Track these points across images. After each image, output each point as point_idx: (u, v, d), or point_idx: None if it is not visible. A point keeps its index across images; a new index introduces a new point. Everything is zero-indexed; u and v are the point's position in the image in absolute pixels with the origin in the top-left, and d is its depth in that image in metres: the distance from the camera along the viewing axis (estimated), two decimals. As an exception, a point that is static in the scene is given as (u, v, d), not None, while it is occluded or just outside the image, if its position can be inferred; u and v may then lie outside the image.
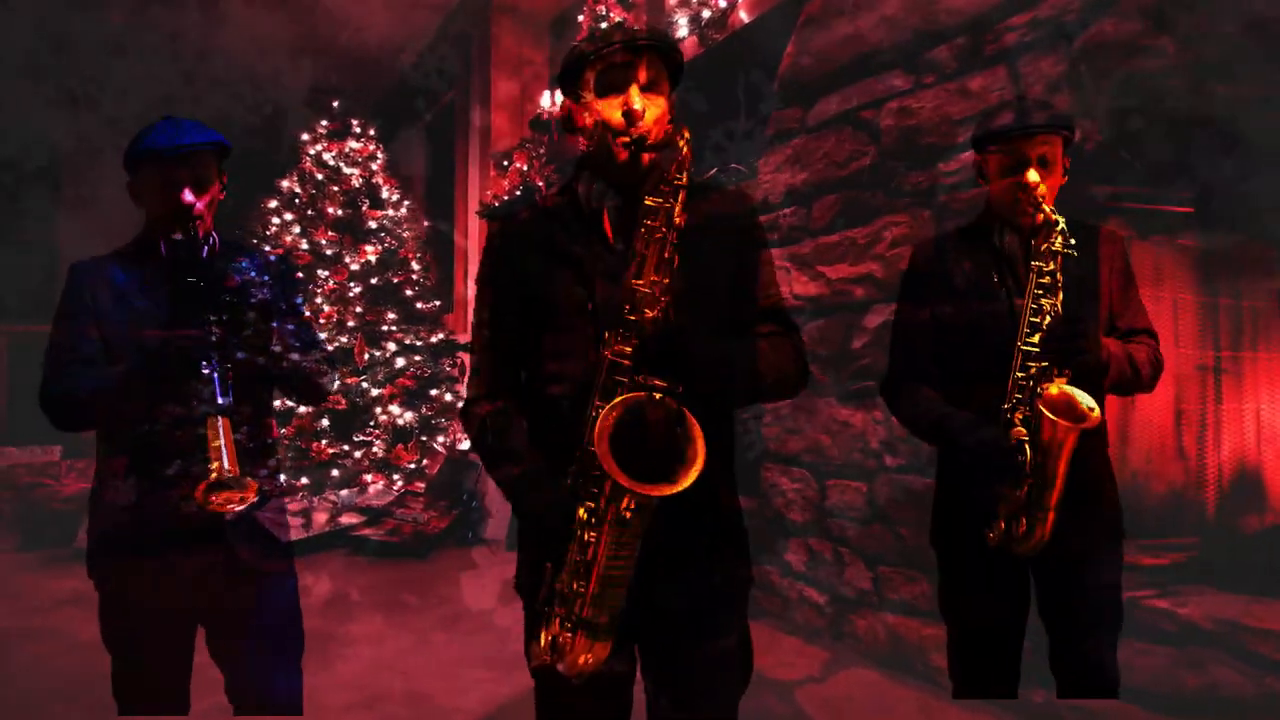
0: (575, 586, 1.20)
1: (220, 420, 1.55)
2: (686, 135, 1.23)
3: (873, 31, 3.26)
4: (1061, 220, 1.59)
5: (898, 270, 3.15)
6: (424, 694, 2.93)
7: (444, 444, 6.36)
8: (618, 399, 1.17)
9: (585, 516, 1.19)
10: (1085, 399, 1.55)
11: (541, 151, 6.11)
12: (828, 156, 3.44)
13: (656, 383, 1.19)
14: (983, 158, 1.75)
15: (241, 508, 1.55)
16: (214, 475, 1.50)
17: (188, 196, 1.64)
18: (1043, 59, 2.68)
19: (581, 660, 1.21)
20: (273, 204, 6.40)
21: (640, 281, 1.21)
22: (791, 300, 3.60)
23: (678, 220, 1.21)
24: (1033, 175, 1.63)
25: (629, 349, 1.20)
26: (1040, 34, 2.69)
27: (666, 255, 1.21)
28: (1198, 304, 2.87)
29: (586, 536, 1.19)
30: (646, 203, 1.22)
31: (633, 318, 1.20)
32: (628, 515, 1.15)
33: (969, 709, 2.62)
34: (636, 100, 1.27)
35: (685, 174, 1.22)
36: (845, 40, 3.38)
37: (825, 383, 3.44)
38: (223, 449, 1.53)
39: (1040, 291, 1.59)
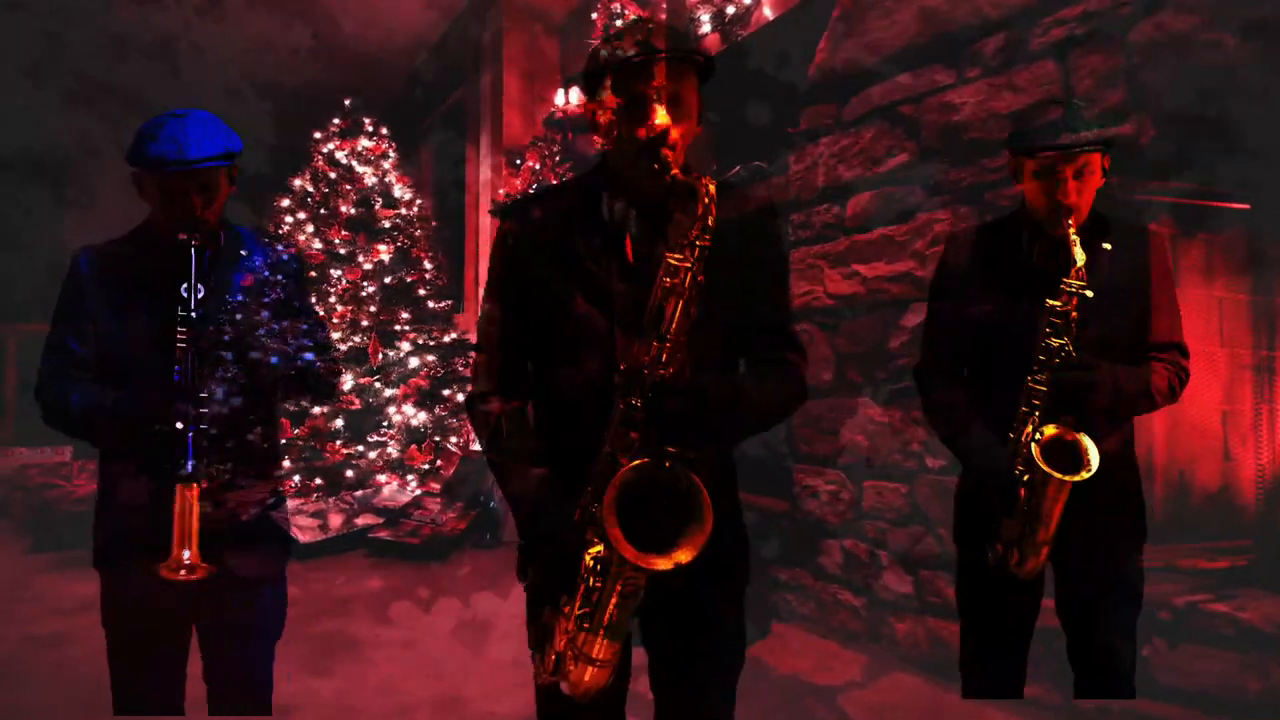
0: (584, 626, 1.20)
1: (189, 492, 1.50)
2: (710, 188, 1.19)
3: (912, 24, 3.21)
4: (1081, 260, 1.55)
5: (939, 268, 3.12)
6: (461, 699, 2.88)
7: (458, 444, 6.30)
8: (628, 466, 1.17)
9: (592, 564, 1.19)
10: (1088, 446, 1.55)
11: (555, 150, 6.06)
12: (864, 152, 3.39)
13: (669, 449, 1.18)
14: (1017, 159, 1.69)
15: (191, 578, 1.52)
16: (172, 556, 1.48)
17: (196, 210, 1.61)
18: (1093, 54, 2.63)
19: (588, 677, 1.21)
20: (285, 203, 6.34)
21: (654, 337, 1.19)
22: (825, 299, 3.56)
23: (700, 279, 1.20)
24: (1066, 194, 1.58)
25: (640, 404, 1.19)
26: (1091, 28, 2.64)
27: (690, 312, 1.20)
28: (1247, 302, 2.83)
29: (593, 582, 1.19)
30: (669, 259, 1.20)
31: (646, 373, 1.19)
32: (632, 576, 1.17)
33: (1016, 713, 2.57)
34: (660, 117, 1.23)
35: (708, 234, 1.19)
36: (883, 34, 3.33)
37: (860, 383, 3.39)
38: (187, 531, 1.49)
39: (1050, 330, 1.57)
